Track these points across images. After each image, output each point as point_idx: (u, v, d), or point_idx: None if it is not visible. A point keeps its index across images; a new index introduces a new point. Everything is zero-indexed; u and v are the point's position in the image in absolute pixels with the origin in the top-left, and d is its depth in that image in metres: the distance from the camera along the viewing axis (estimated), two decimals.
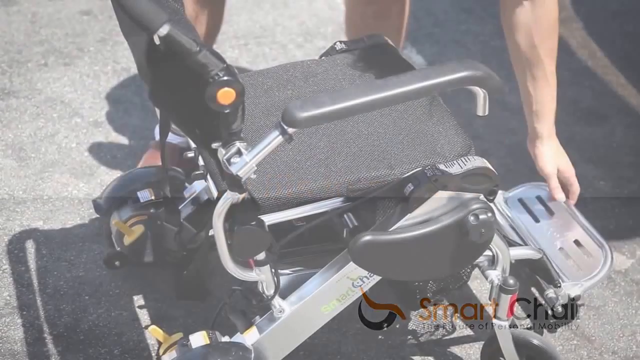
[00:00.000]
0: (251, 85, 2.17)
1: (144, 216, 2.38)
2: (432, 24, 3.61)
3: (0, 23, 3.46)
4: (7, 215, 2.70)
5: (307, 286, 2.04)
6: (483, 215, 1.94)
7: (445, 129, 2.07)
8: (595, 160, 2.97)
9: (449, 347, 2.38)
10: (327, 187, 1.95)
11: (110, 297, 2.48)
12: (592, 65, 3.39)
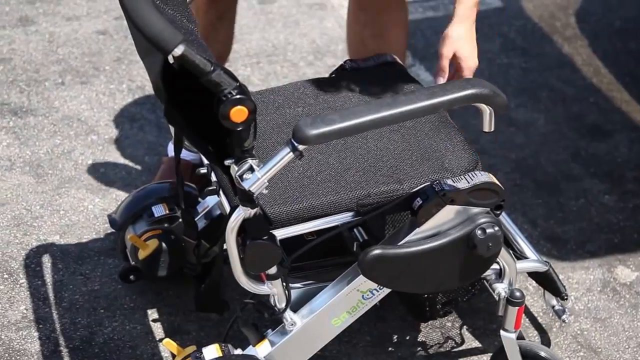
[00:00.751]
0: (263, 103, 2.18)
1: (158, 231, 2.38)
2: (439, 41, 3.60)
3: (19, 43, 3.48)
4: (25, 230, 2.70)
5: (318, 299, 2.04)
6: (490, 229, 1.94)
7: (452, 145, 2.07)
8: (600, 175, 2.96)
9: (458, 359, 2.37)
10: (337, 202, 1.95)
11: (125, 310, 2.47)
12: (596, 82, 3.39)
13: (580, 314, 2.50)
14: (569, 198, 2.88)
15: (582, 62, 3.50)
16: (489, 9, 3.81)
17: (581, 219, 2.81)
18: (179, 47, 1.65)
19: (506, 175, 2.93)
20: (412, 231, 1.94)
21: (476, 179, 1.95)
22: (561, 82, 3.39)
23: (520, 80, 3.39)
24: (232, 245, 1.93)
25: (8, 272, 2.57)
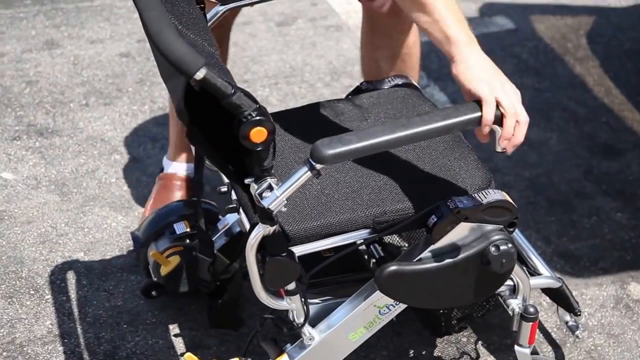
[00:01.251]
0: (282, 124, 2.19)
1: (179, 247, 2.38)
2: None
3: (45, 65, 3.50)
4: (50, 247, 2.72)
5: (336, 314, 2.04)
6: (504, 246, 1.94)
7: (466, 164, 2.08)
8: (612, 193, 2.96)
9: None
10: (354, 220, 1.95)
11: (147, 325, 2.48)
12: (608, 102, 3.39)
13: (593, 330, 2.50)
14: (582, 215, 2.88)
15: (593, 82, 3.50)
16: (501, 30, 3.82)
17: (594, 236, 2.80)
18: (201, 70, 1.67)
19: (520, 193, 2.93)
20: (427, 248, 1.95)
21: (489, 197, 1.95)
22: (573, 102, 3.39)
23: (533, 100, 3.39)
24: (252, 261, 1.94)
25: (34, 288, 2.58)
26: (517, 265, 2.04)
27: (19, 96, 3.35)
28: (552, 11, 3.96)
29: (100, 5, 3.86)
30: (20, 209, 2.85)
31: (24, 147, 3.11)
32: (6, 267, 2.64)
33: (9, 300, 2.54)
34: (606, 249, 2.76)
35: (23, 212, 2.84)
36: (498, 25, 3.85)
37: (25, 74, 3.44)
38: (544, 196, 2.95)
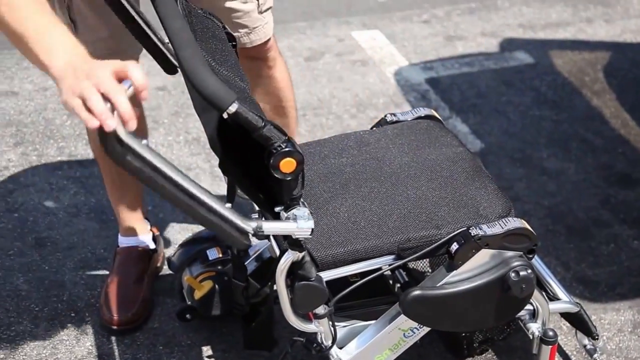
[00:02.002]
0: (310, 154, 2.20)
1: (212, 272, 2.39)
2: (475, 95, 3.63)
3: None
4: (90, 272, 2.73)
5: (362, 337, 2.05)
6: (523, 272, 1.95)
7: (487, 192, 2.08)
8: (629, 221, 2.96)
9: None
10: (379, 246, 1.96)
11: (182, 347, 2.49)
12: (624, 134, 3.39)
13: (612, 354, 2.48)
14: (600, 243, 2.87)
15: (610, 114, 3.50)
16: (521, 64, 3.83)
17: (611, 262, 2.79)
18: (233, 105, 1.69)
19: (539, 220, 2.93)
20: (449, 273, 1.95)
21: (509, 224, 1.96)
22: (590, 133, 3.40)
23: (552, 131, 3.40)
24: (282, 286, 1.95)
25: (75, 311, 2.60)
26: (537, 291, 2.04)
27: (60, 128, 3.39)
28: (570, 46, 3.97)
29: None
30: (61, 235, 2.88)
31: (65, 176, 3.14)
32: (48, 291, 2.66)
33: (51, 323, 2.56)
34: (623, 275, 2.75)
35: (64, 239, 2.86)
36: (518, 60, 3.87)
37: None
38: (562, 224, 2.95)
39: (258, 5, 2.41)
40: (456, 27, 4.17)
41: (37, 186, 3.09)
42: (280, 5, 4.34)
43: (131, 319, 2.53)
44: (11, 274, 2.72)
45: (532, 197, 3.05)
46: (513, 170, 3.18)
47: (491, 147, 3.30)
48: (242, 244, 1.80)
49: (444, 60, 3.88)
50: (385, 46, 4.00)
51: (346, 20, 4.22)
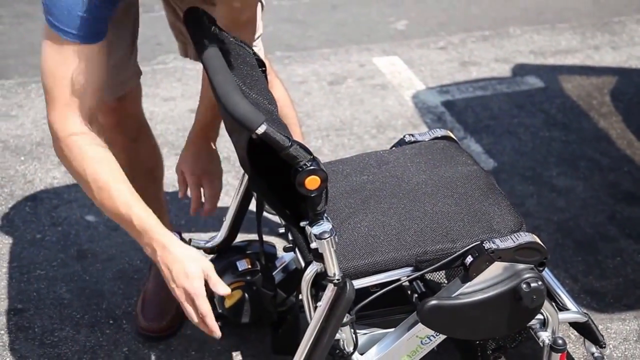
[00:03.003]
0: (333, 172, 2.21)
1: (241, 282, 2.38)
2: (488, 117, 3.63)
3: None
4: (127, 282, 2.75)
5: (382, 344, 2.05)
6: (534, 283, 1.94)
7: (500, 208, 2.08)
8: (634, 237, 2.94)
9: None
10: (398, 258, 1.96)
11: (213, 352, 2.50)
12: (630, 153, 3.37)
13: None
14: (607, 256, 2.86)
15: (616, 135, 3.49)
16: (532, 88, 3.83)
17: (618, 275, 2.78)
18: (262, 126, 1.70)
19: (549, 235, 2.92)
20: (464, 284, 1.95)
21: (521, 239, 1.95)
22: (598, 153, 3.38)
23: (561, 151, 3.39)
24: (307, 295, 1.95)
25: (113, 318, 2.61)
26: (547, 301, 2.03)
27: None
28: (579, 72, 3.97)
29: (173, 67, 3.93)
30: (101, 247, 2.89)
31: None
32: (89, 300, 2.68)
33: (91, 329, 2.57)
34: (629, 287, 2.73)
35: (104, 251, 2.88)
36: (529, 84, 3.86)
37: None
38: (571, 238, 2.93)
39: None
40: (470, 54, 4.17)
41: (79, 202, 3.11)
42: (305, 33, 4.38)
43: (165, 327, 2.53)
44: (55, 283, 2.74)
45: (542, 213, 3.04)
46: (524, 188, 3.18)
47: (504, 165, 3.30)
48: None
49: (459, 84, 3.88)
50: (403, 71, 4.01)
51: (367, 47, 4.23)
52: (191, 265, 1.89)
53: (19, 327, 2.58)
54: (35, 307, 2.65)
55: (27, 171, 3.27)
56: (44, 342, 2.53)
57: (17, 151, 3.38)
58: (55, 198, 3.13)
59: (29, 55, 4.09)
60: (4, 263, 2.82)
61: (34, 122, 3.58)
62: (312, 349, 1.96)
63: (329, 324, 1.93)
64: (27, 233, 2.96)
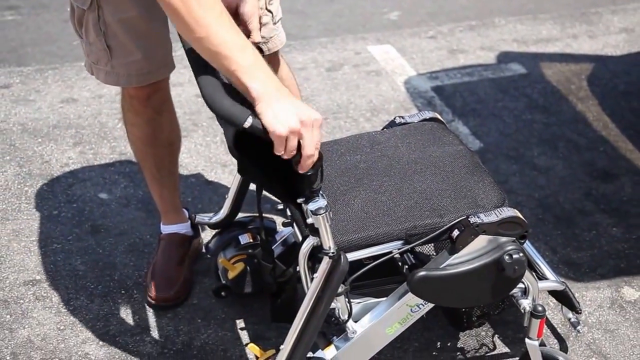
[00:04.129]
0: (328, 152, 2.19)
1: (244, 255, 2.40)
2: (475, 101, 3.61)
3: None
4: (138, 255, 2.74)
5: (375, 312, 2.04)
6: (516, 255, 1.93)
7: (484, 185, 2.07)
8: (609, 211, 2.93)
9: None
10: (389, 233, 1.95)
11: (218, 320, 2.49)
12: (605, 134, 3.36)
13: (592, 326, 2.47)
14: (583, 230, 2.85)
15: (593, 118, 3.48)
16: (515, 74, 3.81)
17: (593, 247, 2.77)
18: (248, 120, 1.67)
19: (530, 210, 2.91)
20: (451, 256, 1.94)
21: (504, 213, 1.94)
22: (576, 134, 3.37)
23: (542, 132, 3.37)
24: (304, 267, 1.94)
25: (124, 289, 2.61)
26: (528, 271, 2.02)
27: (112, 130, 3.40)
28: (558, 59, 3.94)
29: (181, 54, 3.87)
30: (113, 223, 2.88)
31: (117, 172, 3.15)
32: (102, 271, 2.67)
33: (104, 299, 2.57)
34: (603, 258, 2.73)
35: (116, 226, 2.87)
36: (512, 70, 3.84)
37: (118, 112, 3.44)
38: (551, 213, 2.92)
39: (272, 17, 2.39)
40: (458, 42, 4.14)
41: (92, 180, 3.10)
42: (304, 23, 4.35)
43: (173, 297, 2.53)
44: (70, 256, 2.73)
45: (524, 190, 3.03)
46: (508, 167, 3.16)
47: (489, 146, 3.28)
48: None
49: (447, 70, 3.86)
50: (396, 58, 3.99)
51: (362, 37, 4.21)
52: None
53: (37, 296, 2.57)
54: (52, 278, 2.64)
55: (44, 152, 3.25)
56: (60, 310, 2.52)
57: (35, 133, 3.37)
58: (71, 177, 3.11)
59: (46, 43, 4.07)
60: (23, 237, 2.81)
61: (50, 106, 3.56)
62: (309, 317, 1.95)
63: (324, 293, 1.92)
64: (44, 209, 2.94)
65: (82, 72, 3.78)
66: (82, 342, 2.41)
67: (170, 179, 2.59)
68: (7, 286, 2.61)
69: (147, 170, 2.57)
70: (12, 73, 3.81)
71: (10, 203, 2.98)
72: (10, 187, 3.05)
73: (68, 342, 2.41)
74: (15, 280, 2.63)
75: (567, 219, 2.90)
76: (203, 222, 2.51)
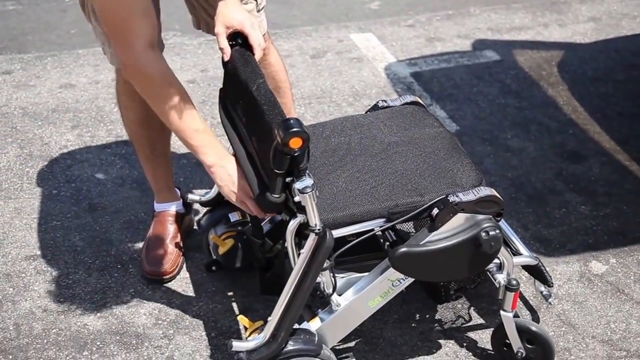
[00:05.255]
0: (314, 134, 2.16)
1: (233, 232, 2.37)
2: (451, 86, 3.58)
3: None
4: (133, 231, 2.70)
5: (357, 286, 2.02)
6: (492, 232, 1.91)
7: (462, 166, 2.04)
8: (578, 190, 2.91)
9: (467, 333, 2.33)
10: (372, 211, 1.92)
11: (209, 293, 2.47)
12: (574, 118, 3.33)
13: (562, 298, 2.46)
14: (553, 208, 2.82)
15: (562, 102, 3.45)
16: (489, 61, 3.77)
17: (563, 224, 2.75)
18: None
19: (504, 190, 2.89)
20: (431, 233, 1.92)
21: (481, 192, 1.92)
22: (547, 117, 3.34)
23: (515, 116, 3.35)
24: (291, 244, 1.91)
25: (121, 263, 2.57)
26: (503, 247, 2.00)
27: (109, 114, 3.35)
28: (530, 46, 3.91)
29: (173, 43, 3.85)
30: (109, 202, 2.84)
31: (113, 153, 3.10)
32: (99, 247, 2.64)
33: (101, 273, 2.54)
34: (572, 234, 2.71)
35: (112, 204, 2.83)
36: (487, 57, 3.81)
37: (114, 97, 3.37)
38: (523, 192, 2.90)
39: (257, 5, 2.34)
40: (436, 30, 4.11)
41: (90, 161, 3.05)
42: (289, 12, 4.30)
43: (166, 271, 2.49)
44: (69, 232, 2.70)
45: (498, 170, 3.00)
46: (483, 148, 3.14)
47: (465, 129, 3.25)
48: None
49: (425, 57, 3.82)
50: (377, 46, 3.95)
51: (345, 25, 4.16)
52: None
53: (38, 270, 2.54)
54: (52, 253, 2.61)
55: (44, 134, 3.20)
56: (60, 284, 2.49)
57: (35, 117, 3.31)
58: (69, 158, 3.07)
59: (45, 32, 4.01)
60: (25, 215, 2.77)
61: (49, 91, 3.50)
62: (295, 290, 1.92)
63: (310, 268, 1.89)
64: (44, 189, 2.90)
65: (80, 59, 3.73)
66: (80, 313, 2.38)
67: (163, 159, 2.55)
68: (10, 261, 2.57)
69: (141, 151, 2.53)
70: (13, 60, 3.75)
71: (13, 183, 2.93)
72: (12, 168, 3.01)
73: (67, 313, 2.38)
74: (17, 255, 2.59)
75: (539, 198, 2.87)
76: (194, 200, 2.47)
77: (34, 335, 2.31)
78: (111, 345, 2.29)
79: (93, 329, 2.33)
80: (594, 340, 2.32)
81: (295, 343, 1.98)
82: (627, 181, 2.96)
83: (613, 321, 2.38)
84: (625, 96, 3.48)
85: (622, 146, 3.14)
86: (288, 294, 1.93)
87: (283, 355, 1.97)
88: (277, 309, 1.96)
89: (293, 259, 1.93)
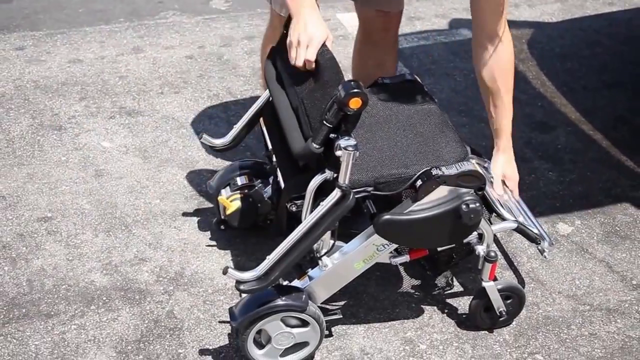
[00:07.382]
0: None
1: (240, 195, 2.29)
2: (429, 62, 3.47)
3: (132, 65, 3.35)
4: (136, 196, 2.60)
5: (344, 249, 1.93)
6: (473, 205, 1.82)
7: (449, 141, 1.93)
8: (545, 157, 2.82)
9: (447, 298, 2.25)
10: (360, 180, 1.82)
11: (206, 253, 2.38)
12: (543, 91, 3.24)
13: (531, 257, 2.38)
14: (523, 174, 2.67)
15: (532, 76, 3.34)
16: (465, 39, 3.65)
17: (532, 189, 2.67)
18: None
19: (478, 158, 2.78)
20: (414, 203, 1.82)
21: (464, 167, 1.82)
22: (517, 91, 3.15)
23: None
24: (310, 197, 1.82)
25: (124, 225, 2.47)
26: (483, 219, 1.90)
27: (114, 87, 3.21)
28: None
29: (172, 21, 3.70)
30: (114, 168, 2.73)
31: (117, 123, 2.97)
32: (105, 210, 2.53)
33: (107, 234, 2.44)
34: (541, 198, 2.64)
35: (116, 171, 2.72)
36: (462, 35, 3.69)
37: (118, 71, 3.30)
38: None
39: None
40: (415, 10, 3.97)
41: (96, 131, 2.92)
42: None
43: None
44: (77, 196, 2.59)
45: (472, 140, 2.90)
46: (459, 119, 3.03)
47: (442, 102, 3.14)
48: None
49: (406, 35, 3.69)
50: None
51: (332, 5, 4.02)
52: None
53: (48, 231, 2.44)
54: (61, 215, 2.51)
55: (54, 106, 3.07)
56: (69, 243, 2.40)
57: (46, 89, 3.18)
58: (77, 128, 2.94)
59: (56, 11, 3.86)
60: (36, 180, 2.66)
61: (59, 65, 3.36)
62: (301, 237, 1.81)
63: (323, 220, 1.79)
64: (54, 156, 2.78)
65: (87, 36, 3.59)
66: (88, 270, 2.30)
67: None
68: (23, 222, 2.47)
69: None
70: (25, 37, 3.60)
71: (25, 150, 2.81)
72: (25, 137, 2.88)
73: (76, 270, 2.30)
74: (29, 217, 2.49)
75: None
76: (209, 143, 2.34)
77: (45, 290, 2.23)
78: (116, 300, 2.21)
79: (99, 285, 2.25)
80: (560, 295, 2.26)
81: (284, 299, 1.89)
82: (591, 149, 2.88)
83: (578, 278, 2.32)
84: (589, 71, 3.38)
85: (587, 117, 3.06)
86: (293, 238, 1.82)
87: (272, 309, 1.88)
88: (278, 250, 1.84)
89: (306, 212, 1.84)
